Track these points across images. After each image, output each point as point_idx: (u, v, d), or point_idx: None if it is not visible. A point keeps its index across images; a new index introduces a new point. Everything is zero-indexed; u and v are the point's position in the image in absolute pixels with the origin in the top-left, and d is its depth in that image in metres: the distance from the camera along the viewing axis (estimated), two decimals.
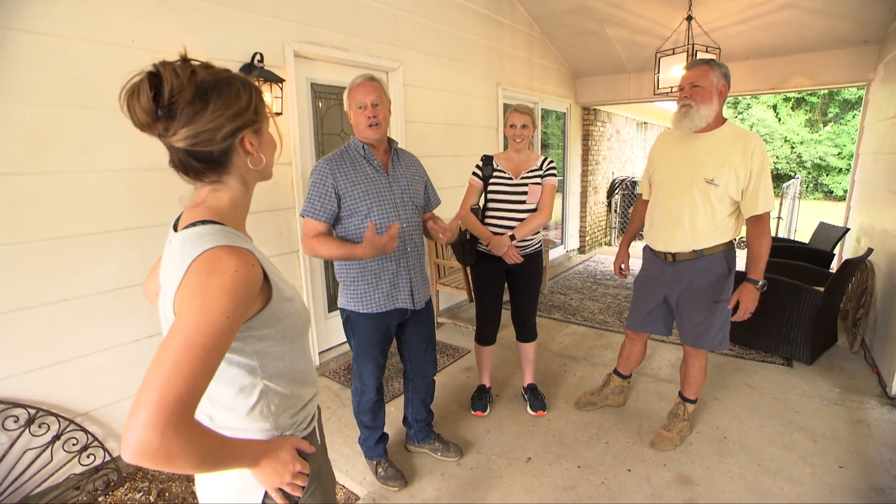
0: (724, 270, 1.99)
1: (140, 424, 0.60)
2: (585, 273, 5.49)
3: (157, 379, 0.62)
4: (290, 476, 0.81)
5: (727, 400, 2.59)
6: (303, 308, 0.90)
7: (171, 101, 0.70)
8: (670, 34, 4.05)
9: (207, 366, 0.66)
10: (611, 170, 7.09)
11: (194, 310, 0.67)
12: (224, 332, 0.67)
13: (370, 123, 1.69)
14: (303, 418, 0.92)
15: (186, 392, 0.63)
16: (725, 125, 1.94)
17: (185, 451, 0.63)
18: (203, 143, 0.74)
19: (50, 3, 1.75)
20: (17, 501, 1.84)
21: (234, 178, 0.82)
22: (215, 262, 0.70)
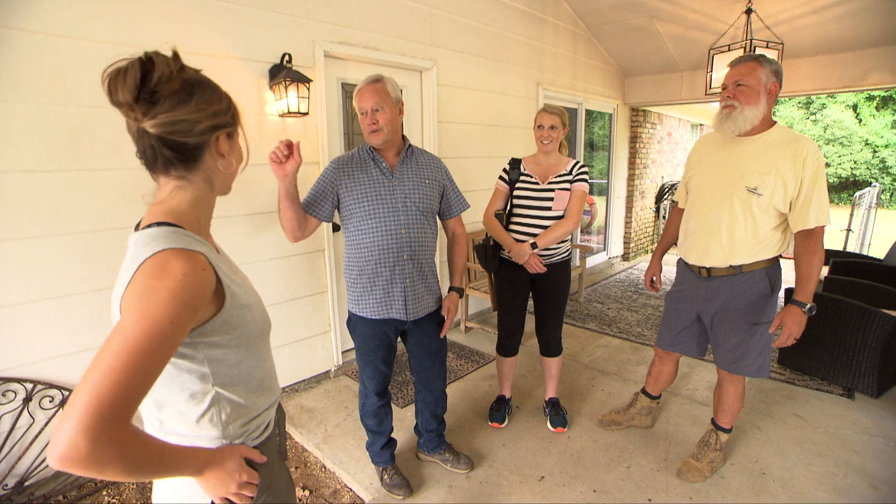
0: (766, 289, 1.79)
1: (69, 429, 0.57)
2: (627, 282, 5.23)
3: (92, 383, 0.60)
4: (235, 486, 0.79)
5: (771, 430, 2.35)
6: (261, 315, 0.88)
7: (156, 86, 0.71)
8: (727, 29, 3.76)
9: (147, 371, 0.64)
10: (660, 174, 6.73)
11: (138, 313, 0.65)
12: (167, 337, 0.65)
13: (371, 130, 1.67)
14: (255, 427, 0.89)
15: (122, 397, 0.61)
16: (774, 128, 1.75)
17: (116, 458, 0.60)
18: (180, 132, 0.75)
19: (90, 9, 1.85)
20: (51, 475, 1.97)
21: (200, 177, 0.81)
22: (163, 265, 0.69)
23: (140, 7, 1.97)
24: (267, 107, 2.40)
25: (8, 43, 1.70)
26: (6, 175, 1.76)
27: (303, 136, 2.58)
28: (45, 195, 1.85)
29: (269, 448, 0.91)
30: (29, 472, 1.91)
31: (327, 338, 2.91)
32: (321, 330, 2.87)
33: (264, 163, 2.43)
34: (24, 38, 1.73)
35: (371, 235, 1.69)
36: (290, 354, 2.74)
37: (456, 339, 3.56)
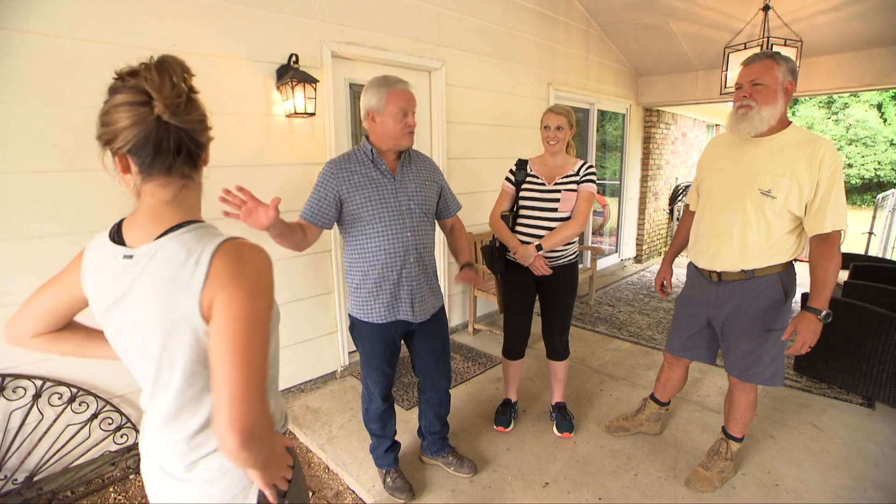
0: (779, 295, 1.73)
1: (244, 408, 0.67)
2: (639, 284, 5.15)
3: (239, 364, 0.68)
4: (284, 470, 0.86)
5: (785, 440, 2.28)
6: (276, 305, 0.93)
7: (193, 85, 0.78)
8: (743, 27, 3.67)
9: (266, 343, 0.72)
10: (674, 175, 6.62)
11: (241, 295, 0.71)
12: (268, 311, 0.73)
13: (409, 131, 1.65)
14: (281, 413, 0.95)
15: (262, 370, 0.70)
16: (789, 128, 1.69)
17: (269, 427, 0.70)
18: (199, 131, 0.80)
19: (94, 11, 1.87)
20: (59, 470, 2.00)
21: (199, 176, 0.85)
22: (237, 250, 0.75)
23: (146, 9, 1.98)
24: (274, 107, 2.41)
25: (18, 45, 1.73)
26: (18, 175, 1.78)
27: (310, 136, 2.59)
28: (51, 195, 1.87)
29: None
30: (38, 467, 1.94)
31: (334, 338, 2.92)
32: (328, 330, 2.88)
33: (268, 163, 2.46)
34: (28, 39, 1.75)
35: (377, 239, 1.66)
36: (297, 355, 2.75)
37: (463, 341, 3.54)
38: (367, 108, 1.65)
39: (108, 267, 0.79)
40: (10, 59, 1.72)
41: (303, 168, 2.58)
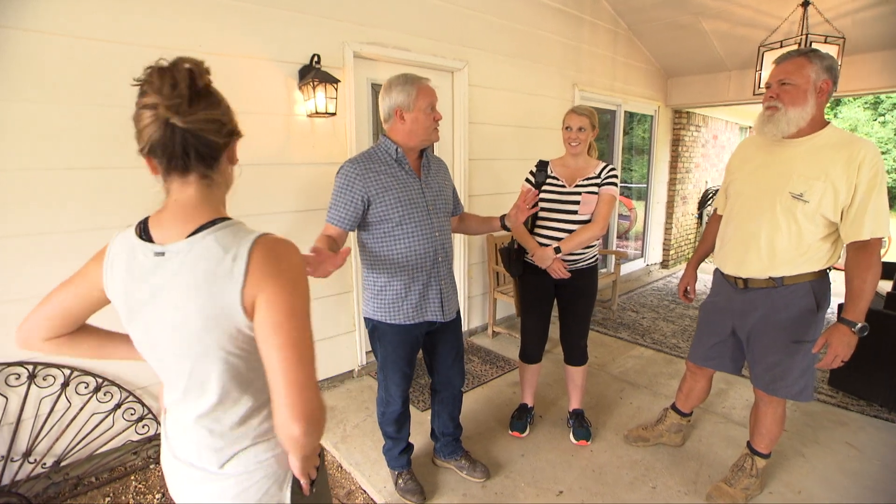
0: (811, 305, 1.64)
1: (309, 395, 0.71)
2: (665, 290, 5.00)
3: (300, 356, 0.72)
4: (315, 459, 0.90)
5: (817, 458, 2.17)
6: None
7: (200, 87, 0.77)
8: (779, 24, 3.52)
9: (312, 333, 0.76)
10: (704, 178, 6.41)
11: (287, 290, 0.74)
12: (309, 302, 0.77)
13: (437, 127, 1.66)
14: None
15: (314, 359, 0.75)
16: (826, 129, 1.60)
17: (325, 412, 0.75)
18: (213, 131, 0.78)
19: (130, 16, 1.94)
20: (84, 457, 2.07)
21: (220, 177, 0.85)
22: (274, 246, 0.77)
23: (172, 10, 2.03)
24: (296, 107, 2.44)
25: (52, 48, 1.80)
26: (50, 172, 1.86)
27: (331, 136, 2.61)
28: (84, 191, 1.94)
29: None
30: (65, 453, 2.01)
31: (352, 337, 2.93)
32: (346, 329, 2.89)
33: (290, 163, 2.49)
34: (62, 42, 1.82)
35: (407, 240, 1.65)
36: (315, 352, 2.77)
37: (482, 344, 3.51)
38: (393, 107, 1.61)
39: (136, 265, 0.80)
40: (44, 62, 1.79)
41: (324, 167, 2.60)
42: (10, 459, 1.90)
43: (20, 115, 1.77)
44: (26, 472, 1.93)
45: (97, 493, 2.00)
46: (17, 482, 1.91)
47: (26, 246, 1.84)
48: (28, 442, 1.93)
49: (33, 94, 1.78)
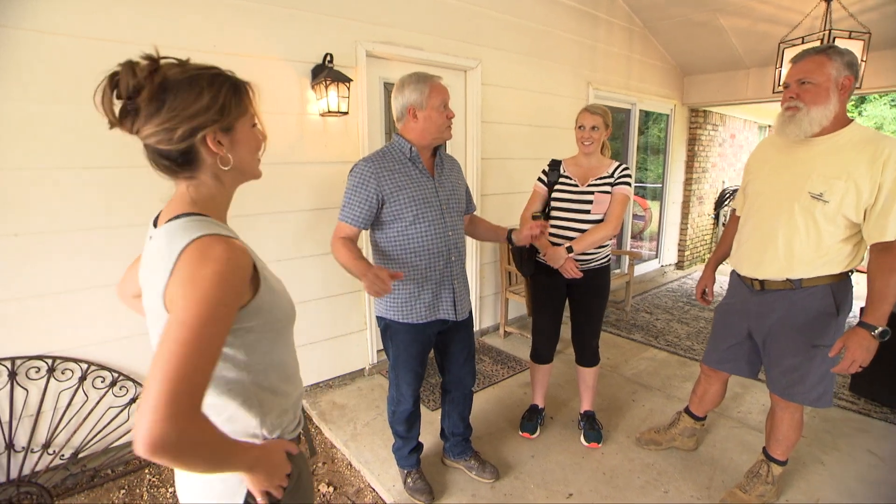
0: (830, 308, 1.59)
1: (156, 418, 0.59)
2: (679, 291, 4.93)
3: (166, 372, 0.62)
4: (278, 479, 0.82)
5: (836, 466, 2.11)
6: (288, 301, 0.90)
7: (130, 98, 0.72)
8: (801, 19, 3.44)
9: (208, 354, 0.66)
10: (721, 178, 6.29)
11: (190, 299, 0.66)
12: (221, 319, 0.68)
13: (450, 126, 1.66)
14: (290, 419, 0.91)
15: (195, 382, 0.63)
16: (849, 127, 1.55)
17: (198, 442, 0.63)
18: (162, 142, 0.74)
19: (143, 16, 1.97)
20: (101, 450, 2.11)
21: (206, 175, 0.81)
22: (206, 249, 0.70)
23: (187, 11, 2.06)
24: (308, 106, 2.46)
25: (73, 50, 1.84)
26: (66, 171, 1.90)
27: (343, 135, 2.62)
28: (99, 190, 1.97)
29: (298, 440, 0.95)
30: (82, 445, 2.05)
31: (363, 336, 2.94)
32: (358, 328, 2.91)
33: (302, 161, 2.51)
34: (81, 44, 1.85)
35: (420, 239, 1.65)
36: (327, 350, 2.80)
37: (494, 344, 3.50)
38: (406, 105, 1.61)
39: (145, 247, 0.85)
40: (62, 63, 1.82)
41: (336, 166, 2.62)
42: (30, 450, 1.95)
43: (41, 115, 1.81)
44: (45, 462, 1.97)
45: (112, 485, 2.04)
46: (37, 472, 1.96)
47: (46, 243, 1.88)
48: (47, 434, 1.98)
49: (61, 95, 1.82)
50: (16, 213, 1.82)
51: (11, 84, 1.74)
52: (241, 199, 2.41)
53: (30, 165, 1.82)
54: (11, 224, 1.81)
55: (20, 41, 1.74)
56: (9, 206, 1.80)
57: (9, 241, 1.81)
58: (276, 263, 2.48)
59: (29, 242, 1.85)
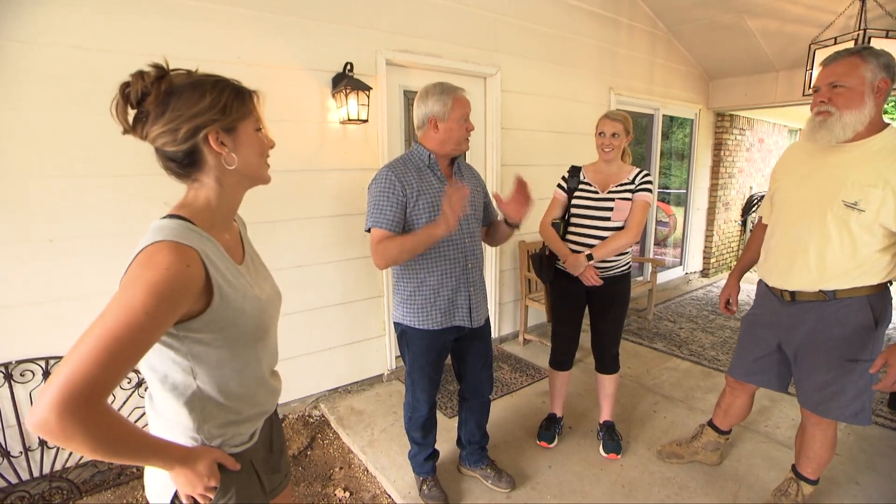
0: (868, 321, 1.52)
1: (44, 403, 0.63)
2: (704, 300, 4.80)
3: (70, 363, 0.64)
4: (202, 488, 0.82)
5: (874, 488, 2.01)
6: (256, 323, 0.88)
7: (139, 103, 0.78)
8: (834, 19, 3.33)
9: (122, 358, 0.67)
10: (748, 184, 6.12)
11: (119, 300, 0.69)
12: (142, 327, 0.68)
13: (468, 138, 1.67)
14: (234, 434, 0.90)
15: (94, 380, 0.64)
16: (886, 132, 1.48)
17: (81, 434, 0.64)
18: (168, 143, 0.79)
19: (172, 30, 2.04)
20: None
21: (209, 177, 0.85)
22: (152, 255, 0.72)
23: (210, 23, 2.12)
24: (329, 114, 2.50)
25: (94, 63, 1.92)
26: (93, 179, 1.97)
27: (363, 142, 2.66)
28: (123, 198, 2.04)
29: (243, 458, 0.91)
30: None
31: (382, 342, 2.96)
32: (377, 333, 2.92)
33: (323, 168, 2.55)
34: (105, 58, 1.92)
35: (437, 246, 1.65)
36: (346, 355, 2.82)
37: (513, 351, 3.47)
38: (428, 115, 1.64)
39: None
40: (99, 77, 1.90)
41: (356, 173, 2.65)
42: (61, 447, 2.02)
43: (55, 123, 1.89)
44: (75, 459, 2.04)
45: (137, 483, 2.10)
46: (67, 469, 2.03)
47: (78, 248, 1.96)
48: None
49: (95, 104, 1.90)
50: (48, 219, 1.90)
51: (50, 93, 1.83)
52: (262, 206, 2.47)
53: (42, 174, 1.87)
54: (45, 230, 1.90)
55: (59, 56, 1.83)
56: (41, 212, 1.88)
57: (44, 246, 1.89)
58: (296, 269, 2.52)
59: (63, 248, 1.93)
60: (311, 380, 2.72)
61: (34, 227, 1.88)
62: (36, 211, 1.88)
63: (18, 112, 1.79)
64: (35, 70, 1.80)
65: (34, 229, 1.88)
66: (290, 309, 2.54)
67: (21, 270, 1.88)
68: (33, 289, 1.91)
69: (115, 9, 1.91)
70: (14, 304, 1.88)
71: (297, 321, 2.58)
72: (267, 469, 1.02)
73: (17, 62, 1.76)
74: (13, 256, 1.86)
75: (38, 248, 1.89)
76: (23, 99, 1.79)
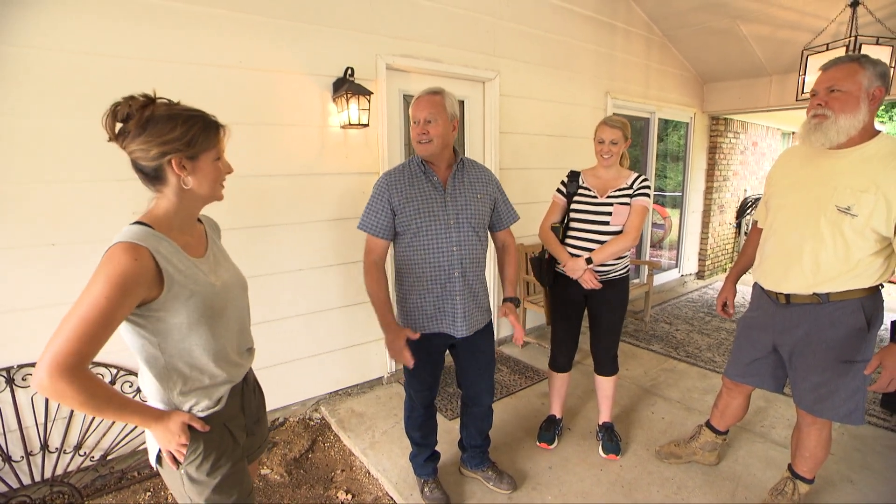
0: (861, 323, 1.56)
1: (40, 369, 0.85)
2: (700, 302, 4.84)
3: (56, 339, 0.86)
4: (175, 444, 1.04)
5: (868, 486, 2.04)
6: (208, 303, 1.04)
7: (123, 122, 0.97)
8: (826, 25, 3.39)
9: (94, 334, 0.87)
10: (743, 187, 6.18)
11: (86, 290, 0.89)
12: (105, 310, 0.87)
13: (419, 140, 1.65)
14: (200, 399, 1.08)
15: (75, 351, 0.85)
16: (877, 138, 1.52)
17: (70, 393, 0.86)
18: (140, 158, 0.99)
19: (172, 35, 2.05)
20: (128, 452, 2.18)
21: (169, 191, 1.03)
22: (112, 254, 0.92)
23: (211, 29, 2.13)
24: (330, 119, 2.52)
25: (95, 69, 1.93)
26: (94, 183, 1.98)
27: (364, 147, 2.68)
28: (124, 202, 2.03)
29: (213, 421, 1.10)
30: (111, 447, 2.12)
31: (381, 344, 2.97)
32: (376, 336, 2.93)
33: (324, 173, 2.57)
34: (110, 63, 1.94)
35: (422, 252, 1.68)
36: (346, 358, 2.83)
37: (511, 354, 3.49)
38: None
39: None
40: (87, 82, 1.91)
41: (357, 177, 2.67)
42: (63, 451, 2.02)
43: (55, 130, 1.90)
44: (77, 463, 2.05)
45: (139, 487, 2.10)
46: (69, 473, 2.03)
47: (78, 252, 1.97)
48: (79, 436, 2.05)
49: (93, 110, 1.91)
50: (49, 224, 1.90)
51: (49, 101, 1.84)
52: (264, 211, 2.49)
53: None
54: (47, 234, 1.91)
55: (58, 61, 1.84)
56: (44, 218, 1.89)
57: (46, 251, 1.90)
58: (297, 273, 2.53)
59: (64, 252, 1.94)
60: (312, 383, 2.73)
61: (36, 232, 1.89)
62: (37, 215, 1.89)
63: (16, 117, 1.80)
64: (33, 73, 1.80)
65: (36, 233, 1.89)
66: (291, 312, 2.55)
67: (23, 274, 1.88)
68: (35, 293, 1.92)
69: (116, 13, 1.92)
70: (15, 309, 1.89)
71: (298, 324, 2.59)
72: (240, 429, 1.18)
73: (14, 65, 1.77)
74: (15, 260, 1.87)
75: (41, 251, 1.90)
76: (22, 101, 1.80)
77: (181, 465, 1.07)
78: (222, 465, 1.11)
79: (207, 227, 1.21)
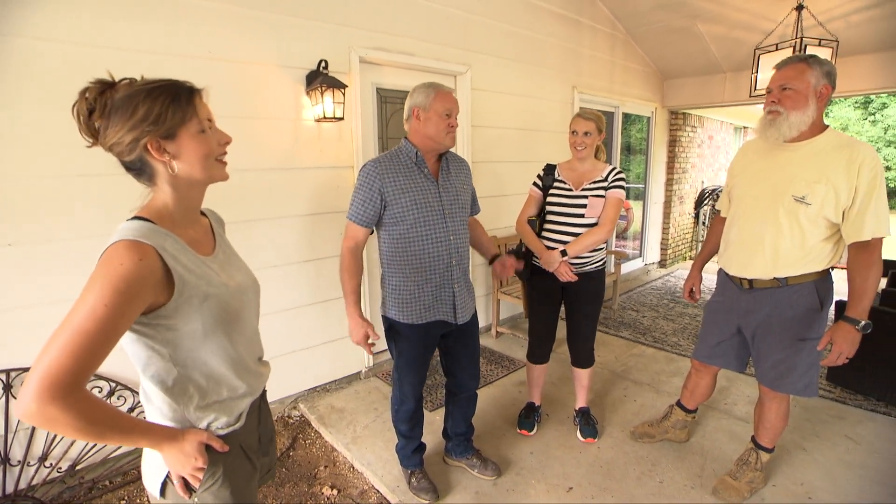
0: (815, 304, 1.69)
1: (26, 392, 0.70)
2: (664, 289, 5.07)
3: (45, 356, 0.71)
4: (190, 468, 0.88)
5: (818, 452, 2.22)
6: (225, 306, 0.92)
7: (90, 118, 0.83)
8: (774, 27, 3.59)
9: (91, 348, 0.72)
10: (700, 178, 6.49)
11: (82, 297, 0.75)
12: (105, 319, 0.73)
13: (450, 132, 1.68)
14: (218, 415, 0.94)
15: (69, 369, 0.70)
16: (825, 133, 1.65)
17: (64, 420, 0.71)
18: (119, 154, 0.85)
19: (139, 27, 1.96)
20: (99, 461, 2.09)
21: (162, 182, 0.89)
22: (111, 254, 0.78)
23: (179, 17, 2.05)
24: (304, 112, 2.47)
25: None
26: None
27: (338, 140, 2.64)
28: (97, 198, 1.96)
29: (231, 440, 0.96)
30: (80, 457, 2.02)
31: None
32: None
33: (298, 167, 2.52)
34: (74, 50, 1.85)
35: (421, 243, 1.69)
36: (323, 354, 2.80)
37: (486, 344, 3.55)
38: (412, 106, 1.69)
39: None
40: (65, 73, 1.81)
41: (331, 171, 2.63)
42: (26, 464, 1.91)
43: (36, 123, 1.79)
44: (42, 476, 1.94)
45: (112, 496, 2.02)
46: (34, 486, 1.93)
47: (45, 252, 1.86)
48: (44, 446, 1.95)
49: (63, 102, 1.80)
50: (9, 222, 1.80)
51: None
52: (237, 206, 2.44)
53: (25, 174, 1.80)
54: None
55: (19, 48, 1.72)
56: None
57: (3, 251, 1.79)
58: (272, 269, 2.48)
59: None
60: (290, 380, 2.69)
61: (34, 229, 1.83)
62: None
63: None
64: None
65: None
66: (268, 309, 2.50)
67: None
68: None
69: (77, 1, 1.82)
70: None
71: (275, 321, 2.54)
72: (258, 451, 1.06)
73: None
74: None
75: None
76: None
77: (195, 493, 0.91)
78: (242, 491, 0.98)
79: (213, 222, 1.08)
